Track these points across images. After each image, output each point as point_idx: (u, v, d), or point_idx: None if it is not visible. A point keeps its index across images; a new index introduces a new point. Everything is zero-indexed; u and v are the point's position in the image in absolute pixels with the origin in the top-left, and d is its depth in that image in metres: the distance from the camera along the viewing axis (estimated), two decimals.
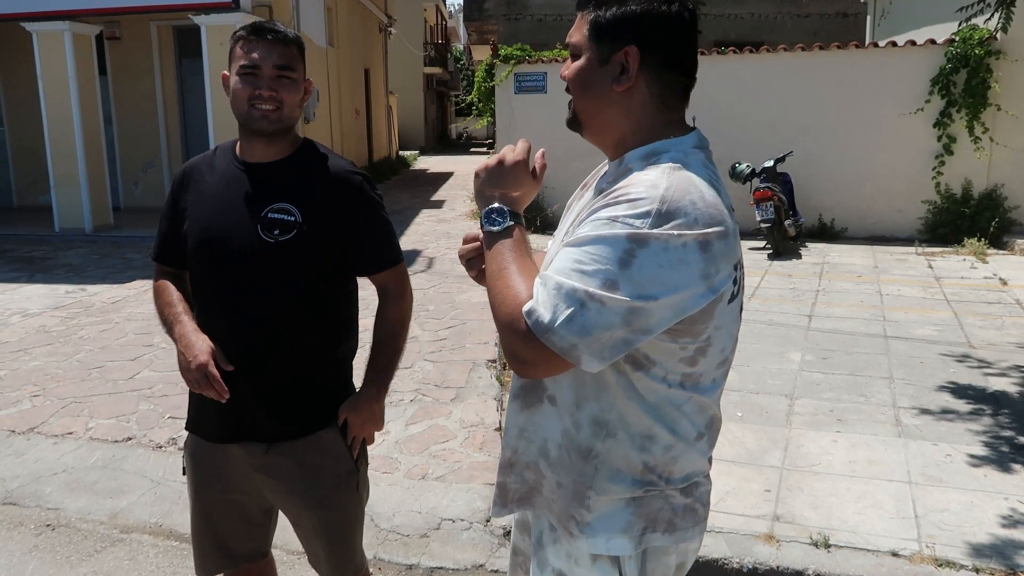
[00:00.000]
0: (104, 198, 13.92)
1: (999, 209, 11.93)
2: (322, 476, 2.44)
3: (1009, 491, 4.28)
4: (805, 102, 12.77)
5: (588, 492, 1.70)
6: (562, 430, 1.72)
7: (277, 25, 2.36)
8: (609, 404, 1.67)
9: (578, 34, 1.71)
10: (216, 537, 2.58)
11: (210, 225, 2.37)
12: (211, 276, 2.38)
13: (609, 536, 1.71)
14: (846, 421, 5.25)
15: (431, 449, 4.98)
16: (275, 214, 2.33)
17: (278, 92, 2.30)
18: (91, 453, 5.00)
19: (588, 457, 1.70)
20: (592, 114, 1.73)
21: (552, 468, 1.75)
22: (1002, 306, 8.26)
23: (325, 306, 2.45)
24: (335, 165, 2.43)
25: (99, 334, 7.55)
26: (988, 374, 6.13)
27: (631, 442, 1.67)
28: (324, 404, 2.47)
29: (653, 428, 1.67)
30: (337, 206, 2.37)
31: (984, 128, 11.80)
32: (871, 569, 3.62)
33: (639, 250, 1.46)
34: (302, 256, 2.33)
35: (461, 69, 58.62)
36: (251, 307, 2.35)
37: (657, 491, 1.70)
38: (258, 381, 2.37)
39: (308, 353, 2.42)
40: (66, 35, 12.84)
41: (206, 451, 2.50)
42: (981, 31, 11.42)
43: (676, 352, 1.61)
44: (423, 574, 3.82)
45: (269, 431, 2.40)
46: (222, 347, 2.34)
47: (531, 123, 13.85)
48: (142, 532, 4.20)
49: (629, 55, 1.63)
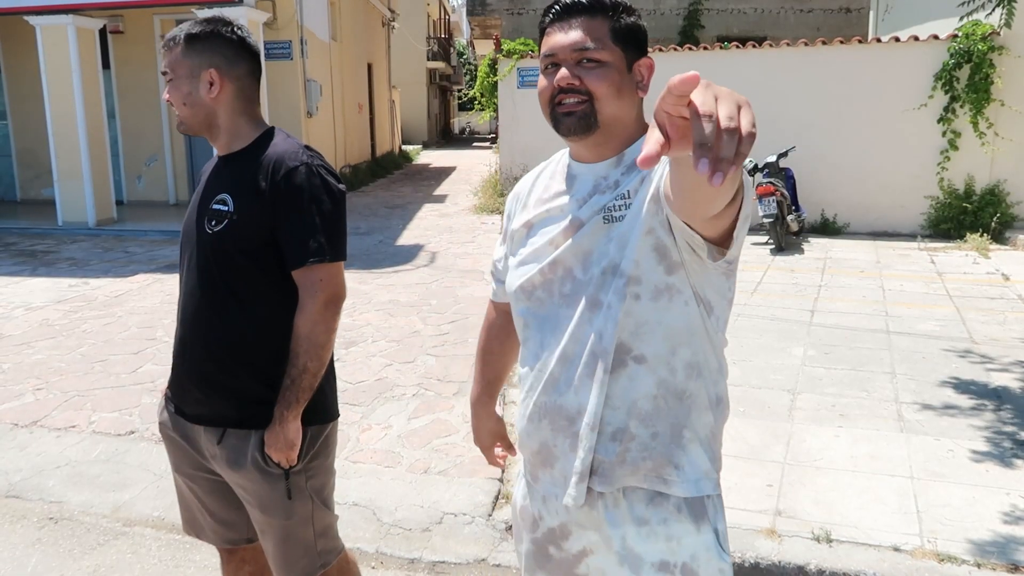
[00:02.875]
0: (107, 192, 13.92)
1: (1001, 205, 11.90)
2: (256, 475, 2.39)
3: (1011, 486, 4.28)
4: (808, 97, 12.74)
5: (683, 432, 1.84)
6: (656, 381, 1.82)
7: (173, 31, 2.41)
8: (698, 346, 1.83)
9: (597, 43, 1.77)
10: (199, 507, 2.62)
11: (186, 219, 2.48)
12: (181, 268, 2.49)
13: (697, 478, 1.85)
14: (848, 416, 5.25)
15: (433, 443, 4.99)
16: (216, 205, 2.36)
17: (169, 96, 2.40)
18: (94, 446, 5.01)
19: (683, 398, 1.84)
20: (618, 117, 1.81)
21: (645, 422, 1.83)
22: (1004, 301, 8.25)
23: (264, 301, 2.38)
24: (275, 151, 2.35)
25: (102, 328, 7.56)
26: (990, 369, 6.13)
27: (710, 376, 1.86)
28: (257, 403, 2.39)
29: (716, 360, 1.88)
30: (265, 193, 2.31)
31: (989, 123, 11.78)
32: (873, 564, 3.62)
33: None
34: (235, 247, 2.31)
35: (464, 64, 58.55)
36: (193, 295, 2.41)
37: (720, 423, 1.91)
38: (197, 368, 2.43)
39: (250, 347, 2.38)
40: (70, 29, 12.84)
41: (178, 423, 2.53)
42: (984, 26, 11.39)
43: (725, 293, 1.83)
44: (425, 568, 3.82)
45: (211, 419, 2.42)
46: (179, 337, 2.49)
47: (534, 118, 13.82)
48: (144, 525, 4.21)
49: (647, 68, 1.84)
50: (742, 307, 7.98)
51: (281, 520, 2.44)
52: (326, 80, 17.80)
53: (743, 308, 7.95)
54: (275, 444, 2.33)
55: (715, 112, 1.11)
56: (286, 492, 2.41)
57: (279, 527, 2.45)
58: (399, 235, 12.87)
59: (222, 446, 2.39)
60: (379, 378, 6.15)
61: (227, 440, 2.39)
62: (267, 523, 2.46)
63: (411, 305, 8.34)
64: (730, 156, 1.09)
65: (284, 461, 2.36)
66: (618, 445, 1.84)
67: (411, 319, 7.79)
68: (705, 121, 1.10)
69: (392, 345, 6.92)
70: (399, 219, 14.53)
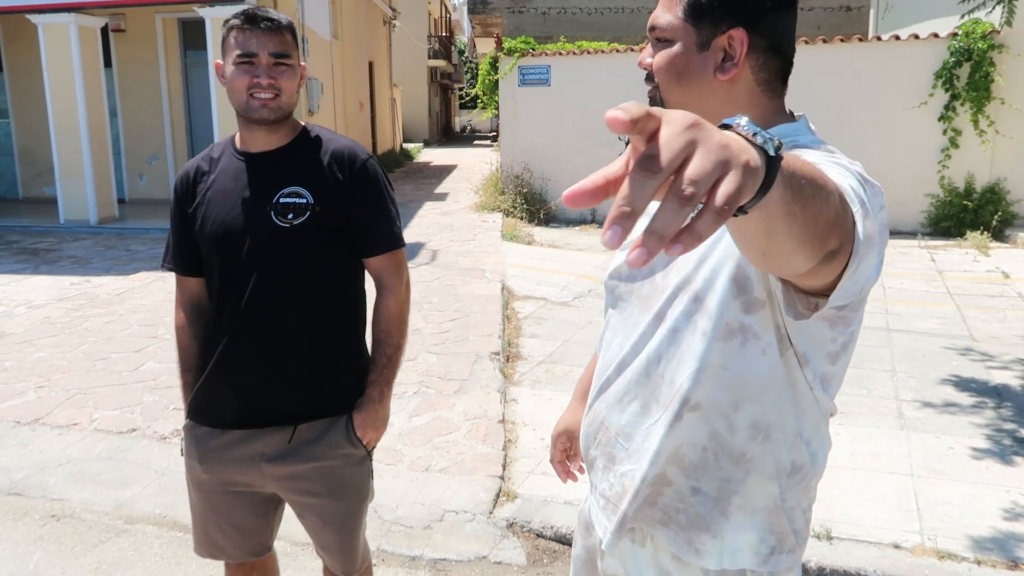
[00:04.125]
0: (109, 190, 13.92)
1: (1002, 203, 11.92)
2: (340, 461, 2.44)
3: (1011, 484, 4.29)
4: (807, 95, 12.72)
5: (732, 498, 1.56)
6: (710, 432, 1.54)
7: (270, 12, 2.34)
8: (771, 405, 1.51)
9: (669, 15, 1.49)
10: (221, 526, 2.56)
11: (223, 220, 2.35)
12: (230, 271, 2.36)
13: (735, 550, 1.58)
14: (848, 414, 5.26)
15: (434, 441, 5.00)
16: (287, 198, 2.32)
17: (276, 80, 2.29)
18: (96, 444, 5.03)
19: (740, 461, 1.54)
20: (688, 105, 1.46)
21: (687, 473, 1.57)
22: (1004, 299, 8.26)
23: (343, 289, 2.45)
24: (341, 144, 2.43)
25: (104, 326, 7.57)
26: (990, 367, 6.14)
27: (784, 441, 1.53)
28: (345, 388, 2.46)
29: (791, 421, 1.53)
30: (344, 184, 2.36)
31: (989, 121, 11.78)
32: (873, 561, 3.63)
33: (871, 188, 1.25)
34: (316, 237, 2.33)
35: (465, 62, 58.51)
36: (272, 294, 2.35)
37: (795, 493, 1.58)
38: (281, 367, 2.37)
39: (328, 336, 2.42)
40: (71, 27, 12.84)
41: (216, 439, 2.46)
42: (984, 25, 11.39)
43: (827, 345, 1.46)
44: (426, 565, 3.83)
45: (290, 415, 2.40)
46: (244, 338, 2.36)
47: (535, 116, 13.86)
48: (146, 523, 4.22)
49: (734, 39, 1.44)
50: None
51: (357, 503, 2.52)
52: (327, 78, 17.80)
53: None
54: (372, 423, 2.44)
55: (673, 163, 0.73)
56: (370, 472, 2.53)
57: (352, 512, 2.52)
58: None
59: (295, 442, 2.40)
60: None
61: (300, 435, 2.40)
62: (339, 510, 2.49)
63: (412, 303, 8.32)
64: (665, 233, 0.72)
65: (373, 440, 2.48)
66: (649, 488, 1.61)
67: (412, 317, 7.75)
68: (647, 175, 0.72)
69: None
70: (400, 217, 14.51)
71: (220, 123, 12.61)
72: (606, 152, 12.31)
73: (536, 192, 14.04)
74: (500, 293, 8.60)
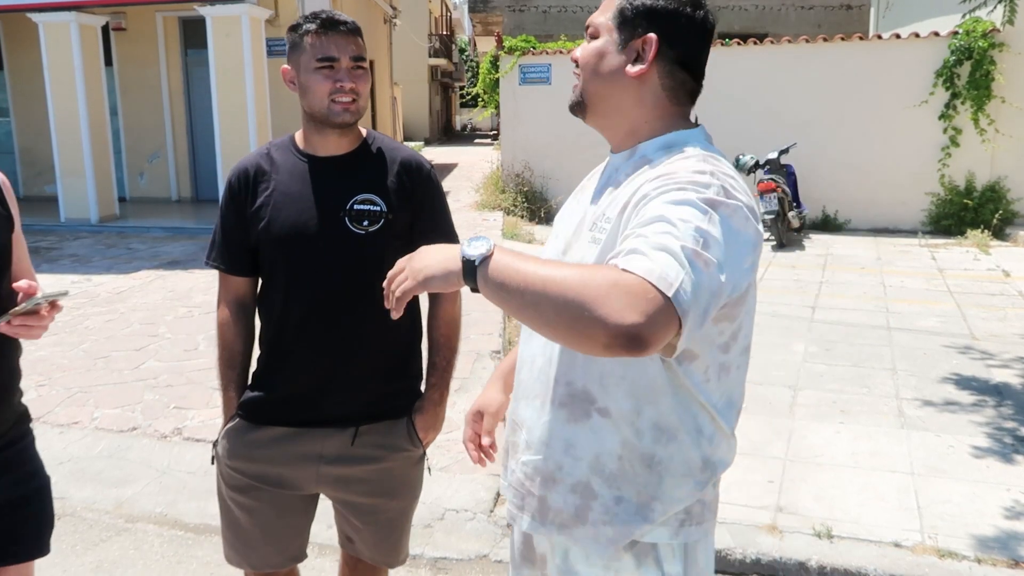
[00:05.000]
0: (110, 189, 13.93)
1: (1002, 201, 11.91)
2: (400, 462, 2.48)
3: (1012, 482, 4.29)
4: (809, 94, 12.75)
5: (653, 504, 1.65)
6: (621, 441, 1.64)
7: (342, 15, 2.35)
8: (668, 407, 1.62)
9: (602, 16, 1.71)
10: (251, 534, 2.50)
11: (295, 223, 2.33)
12: (299, 273, 2.36)
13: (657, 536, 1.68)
14: (849, 412, 5.26)
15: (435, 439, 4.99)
16: (361, 205, 2.33)
17: (356, 84, 2.30)
18: (96, 443, 5.03)
19: (652, 465, 1.64)
20: (602, 97, 1.72)
21: (610, 483, 1.66)
22: (1005, 298, 8.26)
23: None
24: (406, 153, 2.47)
25: (104, 324, 7.57)
26: (991, 366, 6.14)
27: (690, 439, 1.64)
28: (405, 391, 2.52)
29: (704, 424, 1.65)
30: (413, 194, 2.40)
31: (990, 120, 11.78)
32: (874, 560, 3.63)
33: (715, 214, 1.42)
34: (390, 245, 2.32)
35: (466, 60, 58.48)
36: (343, 299, 2.35)
37: (712, 495, 1.70)
38: (351, 370, 2.39)
39: (396, 339, 2.46)
40: (72, 26, 12.84)
41: (270, 437, 2.43)
42: (985, 23, 11.38)
43: (714, 339, 1.59)
44: (427, 564, 3.83)
45: (353, 417, 2.41)
46: (313, 341, 2.37)
47: (535, 115, 13.86)
48: (147, 522, 4.22)
49: (647, 43, 1.64)
50: None
51: (409, 501, 2.57)
52: None
53: None
54: (433, 424, 2.53)
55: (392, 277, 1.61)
56: (427, 469, 2.61)
57: (403, 510, 2.57)
58: None
59: (357, 443, 2.41)
60: None
61: (363, 436, 2.42)
62: (393, 508, 2.53)
63: None
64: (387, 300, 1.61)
65: (432, 439, 2.56)
66: (578, 500, 1.69)
67: None
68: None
69: None
70: None
71: (221, 122, 12.61)
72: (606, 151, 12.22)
73: (537, 191, 14.03)
74: None
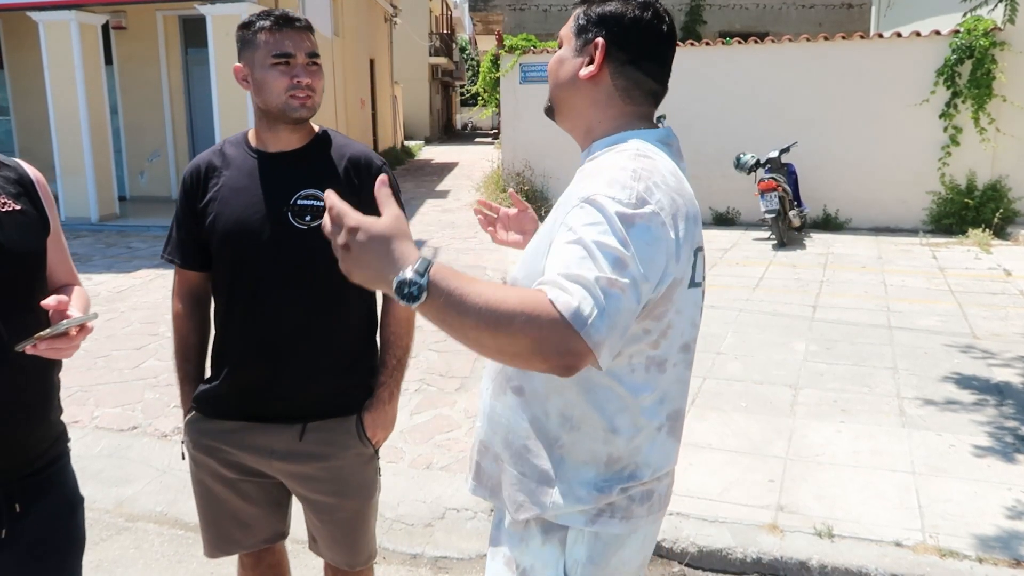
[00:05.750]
0: (110, 188, 13.93)
1: (1003, 200, 11.90)
2: (349, 460, 2.46)
3: (1013, 481, 4.29)
4: (810, 93, 12.73)
5: (553, 482, 1.70)
6: (530, 418, 1.73)
7: (294, 12, 2.36)
8: (573, 400, 1.67)
9: (566, 27, 1.82)
10: (237, 516, 2.56)
11: (239, 218, 2.35)
12: (242, 268, 2.37)
13: (562, 514, 1.71)
14: (850, 411, 5.25)
15: (436, 439, 5.00)
16: (304, 200, 2.34)
17: (312, 80, 2.32)
18: (97, 442, 5.03)
19: (554, 446, 1.70)
20: (562, 100, 1.82)
21: (515, 461, 1.75)
22: (1006, 297, 8.25)
23: (355, 291, 2.45)
24: (357, 150, 2.47)
25: (104, 323, 7.57)
26: (992, 365, 6.13)
27: (594, 435, 1.68)
28: (354, 388, 2.49)
29: (615, 419, 1.67)
30: (361, 191, 2.37)
31: (991, 119, 11.77)
32: (875, 559, 3.63)
33: (630, 230, 1.47)
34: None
35: (466, 59, 58.49)
36: (287, 294, 2.36)
37: (619, 488, 1.69)
38: (296, 365, 2.38)
39: (346, 336, 2.45)
40: (72, 25, 12.83)
41: (226, 427, 2.46)
42: (986, 22, 11.37)
43: (640, 336, 1.62)
44: (428, 563, 3.83)
45: (300, 413, 2.41)
46: (256, 336, 2.37)
47: (536, 113, 13.74)
48: (147, 521, 4.22)
49: (596, 46, 1.73)
50: (745, 302, 7.99)
51: (365, 500, 2.54)
52: (328, 76, 17.75)
53: (746, 303, 7.96)
54: (382, 423, 2.49)
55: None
56: (377, 470, 2.57)
57: (359, 509, 2.54)
58: None
59: (306, 440, 2.41)
60: None
61: (311, 433, 2.41)
62: (348, 508, 2.51)
63: None
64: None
65: (382, 440, 2.52)
66: (496, 469, 1.82)
67: None
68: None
69: None
70: None
71: (221, 120, 12.60)
72: None
73: (537, 189, 14.03)
74: None
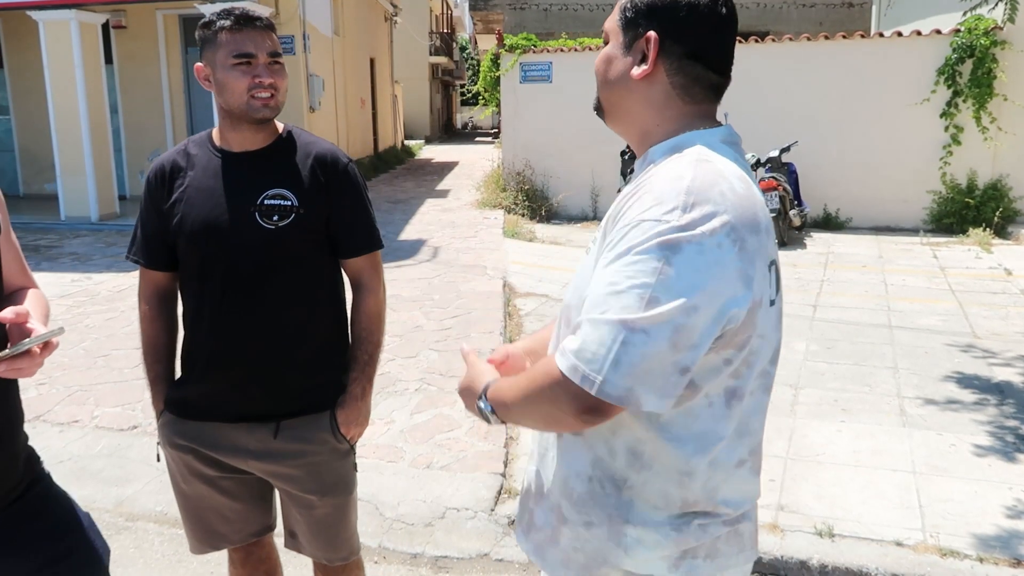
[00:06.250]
0: (110, 187, 13.94)
1: (1004, 199, 11.90)
2: (325, 456, 2.46)
3: (1014, 481, 4.28)
4: (810, 92, 12.73)
5: (624, 528, 1.55)
6: (592, 459, 1.57)
7: (256, 11, 2.34)
8: (643, 435, 1.52)
9: (611, 21, 1.64)
10: (221, 511, 2.57)
11: (206, 219, 2.34)
12: (211, 269, 2.36)
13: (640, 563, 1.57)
14: (850, 411, 5.25)
15: (436, 438, 4.99)
16: (272, 200, 2.33)
17: (274, 79, 2.31)
18: (97, 441, 5.02)
19: (623, 488, 1.55)
20: (613, 102, 1.64)
21: (578, 508, 1.60)
22: (1007, 296, 8.25)
23: (324, 288, 2.48)
24: (322, 147, 2.46)
25: (105, 322, 7.57)
26: (993, 364, 6.13)
27: (667, 476, 1.52)
28: (326, 385, 2.49)
29: (690, 462, 1.52)
30: (326, 188, 2.39)
31: (991, 118, 11.76)
32: (875, 559, 3.62)
33: (673, 257, 1.34)
34: (301, 240, 2.35)
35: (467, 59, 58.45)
36: (255, 294, 2.35)
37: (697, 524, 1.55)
38: (267, 364, 2.38)
39: (316, 334, 2.45)
40: (72, 24, 12.83)
41: (201, 425, 2.45)
42: (987, 21, 11.37)
43: (720, 368, 1.47)
44: (428, 563, 3.83)
45: (272, 412, 2.41)
46: (226, 336, 2.37)
47: (536, 113, 13.85)
48: (147, 520, 4.22)
49: (649, 41, 1.54)
50: None
51: (343, 497, 2.54)
52: (328, 75, 17.78)
53: None
54: (355, 419, 2.49)
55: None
56: (353, 466, 2.56)
57: (339, 505, 2.54)
58: (401, 230, 12.86)
59: (280, 438, 2.41)
60: (381, 373, 6.09)
61: (285, 431, 2.41)
62: (326, 504, 2.51)
63: (413, 300, 8.34)
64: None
65: (356, 435, 2.52)
66: (554, 520, 1.66)
67: (413, 314, 7.79)
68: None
69: (394, 340, 6.91)
70: (401, 214, 14.51)
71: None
72: (607, 149, 12.28)
73: (538, 189, 14.02)
74: (502, 290, 8.59)
